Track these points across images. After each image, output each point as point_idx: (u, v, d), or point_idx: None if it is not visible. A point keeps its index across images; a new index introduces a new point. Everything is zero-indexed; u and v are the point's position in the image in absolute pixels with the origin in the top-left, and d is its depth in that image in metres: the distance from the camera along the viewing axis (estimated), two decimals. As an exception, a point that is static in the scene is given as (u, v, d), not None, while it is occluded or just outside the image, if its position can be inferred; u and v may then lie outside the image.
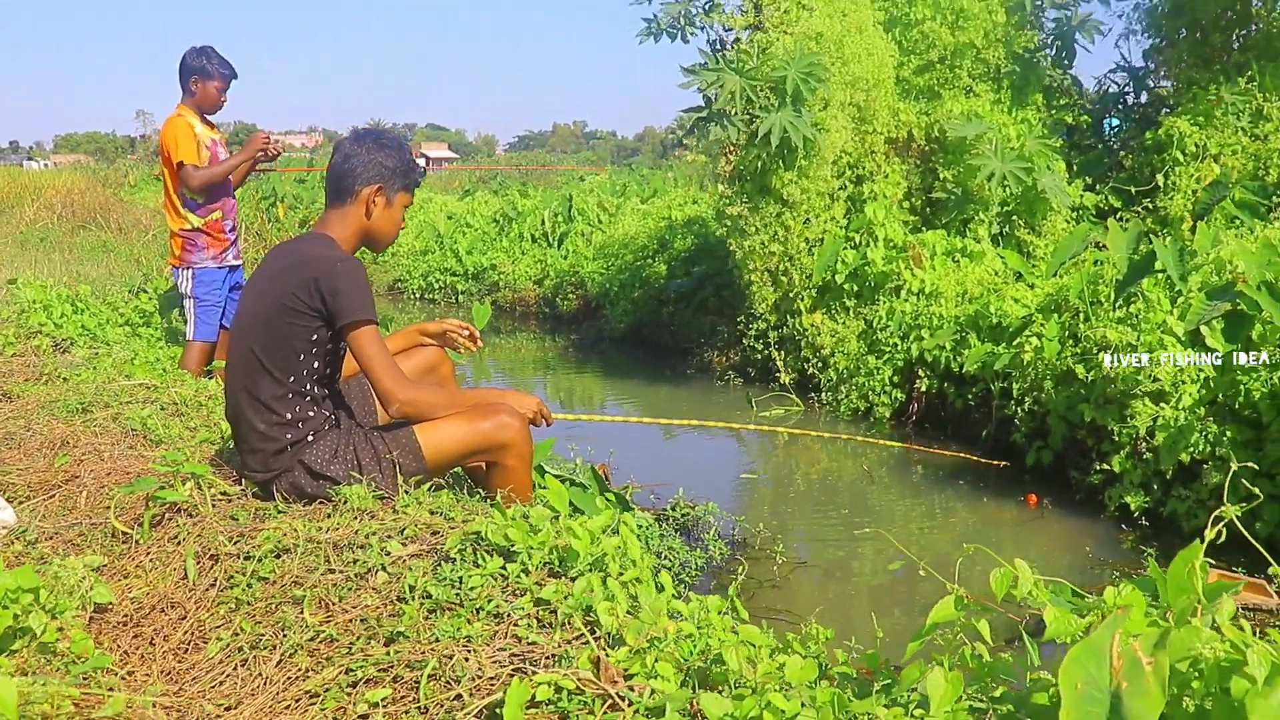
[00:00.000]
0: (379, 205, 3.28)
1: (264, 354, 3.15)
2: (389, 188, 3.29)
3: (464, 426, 3.26)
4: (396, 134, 3.41)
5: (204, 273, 5.75)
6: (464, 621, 2.32)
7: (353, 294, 3.07)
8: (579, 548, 2.51)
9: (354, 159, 3.25)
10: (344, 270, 3.08)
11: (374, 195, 3.26)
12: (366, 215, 3.28)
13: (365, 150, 3.26)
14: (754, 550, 4.66)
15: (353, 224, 3.29)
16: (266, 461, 3.20)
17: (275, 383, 3.15)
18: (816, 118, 7.13)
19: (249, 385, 3.17)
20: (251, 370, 3.17)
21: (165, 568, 2.92)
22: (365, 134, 3.33)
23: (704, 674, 2.01)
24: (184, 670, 2.46)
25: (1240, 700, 1.28)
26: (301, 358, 3.16)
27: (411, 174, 3.35)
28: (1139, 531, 4.96)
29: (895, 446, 6.45)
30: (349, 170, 3.25)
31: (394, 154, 3.30)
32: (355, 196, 3.26)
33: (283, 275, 3.16)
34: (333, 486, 3.16)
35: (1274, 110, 7.39)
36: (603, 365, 10.17)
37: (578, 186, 17.32)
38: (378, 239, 3.37)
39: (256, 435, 3.18)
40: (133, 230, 14.06)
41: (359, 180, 3.25)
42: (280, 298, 3.12)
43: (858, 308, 7.57)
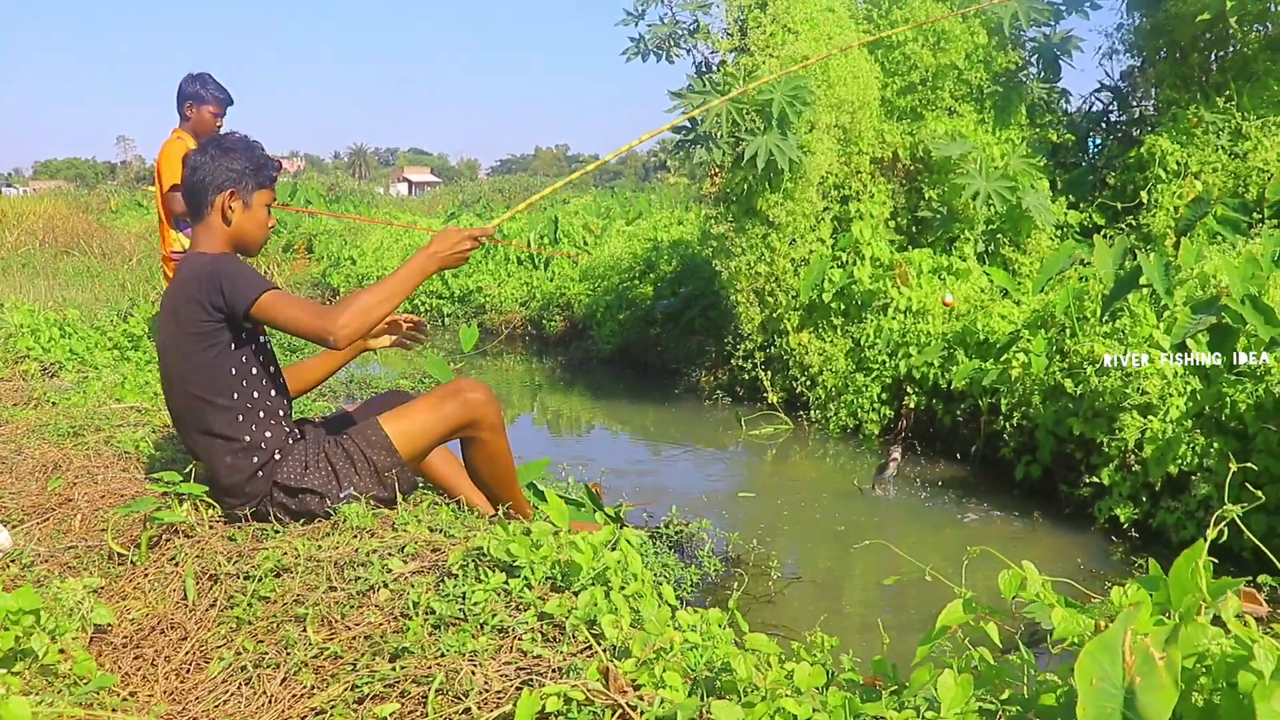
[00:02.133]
0: (236, 210, 3.22)
1: (199, 388, 3.13)
2: (242, 190, 3.22)
3: (430, 412, 3.29)
4: (242, 135, 3.32)
5: None
6: (469, 636, 2.33)
7: (234, 282, 3.02)
8: (581, 561, 2.52)
9: (200, 170, 3.20)
10: (215, 268, 3.05)
11: (229, 200, 3.20)
12: (226, 222, 3.21)
13: (210, 158, 3.21)
14: (748, 566, 4.68)
15: (217, 234, 3.22)
16: (244, 491, 3.19)
17: (222, 410, 3.14)
18: (802, 140, 7.19)
19: (200, 426, 3.17)
20: (195, 410, 3.16)
21: (164, 589, 2.92)
22: (209, 143, 3.30)
23: (712, 683, 2.02)
24: (187, 690, 2.45)
25: (1248, 694, 1.30)
26: (234, 372, 3.14)
27: (263, 171, 3.28)
28: (1129, 543, 4.99)
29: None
30: (198, 182, 3.20)
31: (240, 156, 3.23)
32: (211, 205, 3.20)
33: (176, 309, 3.14)
34: (315, 497, 3.17)
35: (1252, 129, 7.49)
36: (590, 386, 10.18)
37: (562, 209, 17.36)
38: (246, 242, 3.29)
39: (226, 469, 3.17)
40: (116, 256, 14.04)
41: (210, 189, 3.19)
42: (186, 329, 3.10)
43: (845, 326, 7.61)
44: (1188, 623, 1.35)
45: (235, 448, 3.16)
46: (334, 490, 3.19)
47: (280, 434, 3.24)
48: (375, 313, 3.06)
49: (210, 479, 3.23)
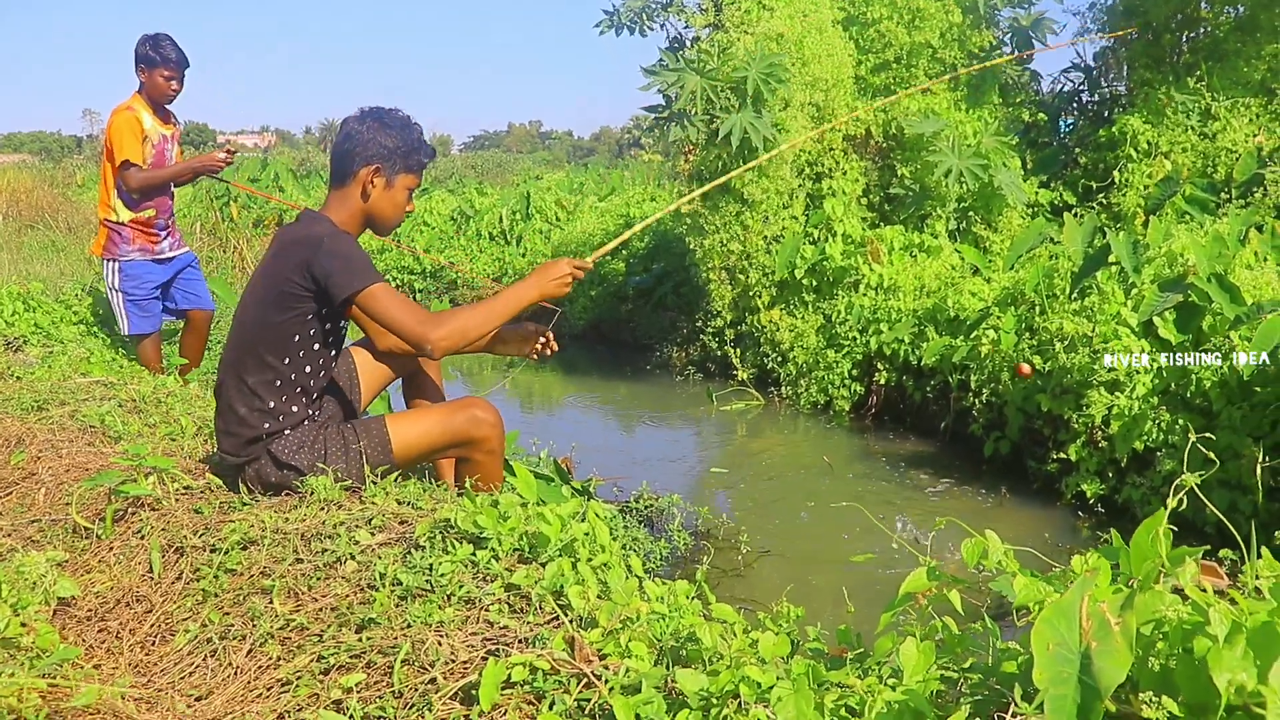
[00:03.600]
0: (377, 186, 3.18)
1: (260, 338, 3.11)
2: (388, 168, 3.18)
3: (437, 422, 3.26)
4: (404, 113, 3.26)
5: (132, 266, 5.55)
6: (435, 607, 2.32)
7: (345, 267, 2.99)
8: (549, 533, 2.52)
9: (354, 138, 3.16)
10: (330, 247, 3.01)
11: (372, 176, 3.16)
12: (364, 197, 3.19)
13: (366, 129, 3.17)
14: (718, 540, 4.70)
15: (351, 206, 3.20)
16: (239, 447, 3.18)
17: (267, 367, 3.12)
18: (777, 118, 7.18)
19: (239, 368, 3.15)
20: (245, 353, 3.14)
21: (129, 562, 2.90)
22: (370, 112, 3.23)
23: (677, 652, 2.03)
24: (152, 662, 2.44)
25: (1202, 659, 1.32)
26: (297, 339, 3.12)
27: (415, 155, 3.23)
28: (1095, 518, 5.05)
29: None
30: (348, 150, 3.17)
31: (396, 133, 3.19)
32: (353, 177, 3.17)
33: (278, 259, 3.11)
34: (297, 476, 3.16)
35: (1221, 110, 7.53)
36: (562, 362, 10.16)
37: (535, 185, 17.29)
38: (379, 222, 3.26)
39: (235, 419, 3.16)
40: (83, 229, 13.84)
41: (357, 160, 3.16)
42: (277, 283, 3.07)
43: (816, 303, 7.63)
44: (1145, 589, 1.37)
45: (255, 406, 3.14)
46: (315, 472, 3.18)
47: (301, 412, 3.23)
48: (473, 334, 3.08)
49: (218, 415, 3.24)
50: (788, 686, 1.64)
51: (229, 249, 12.04)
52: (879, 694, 1.60)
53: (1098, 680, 1.25)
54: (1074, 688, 1.26)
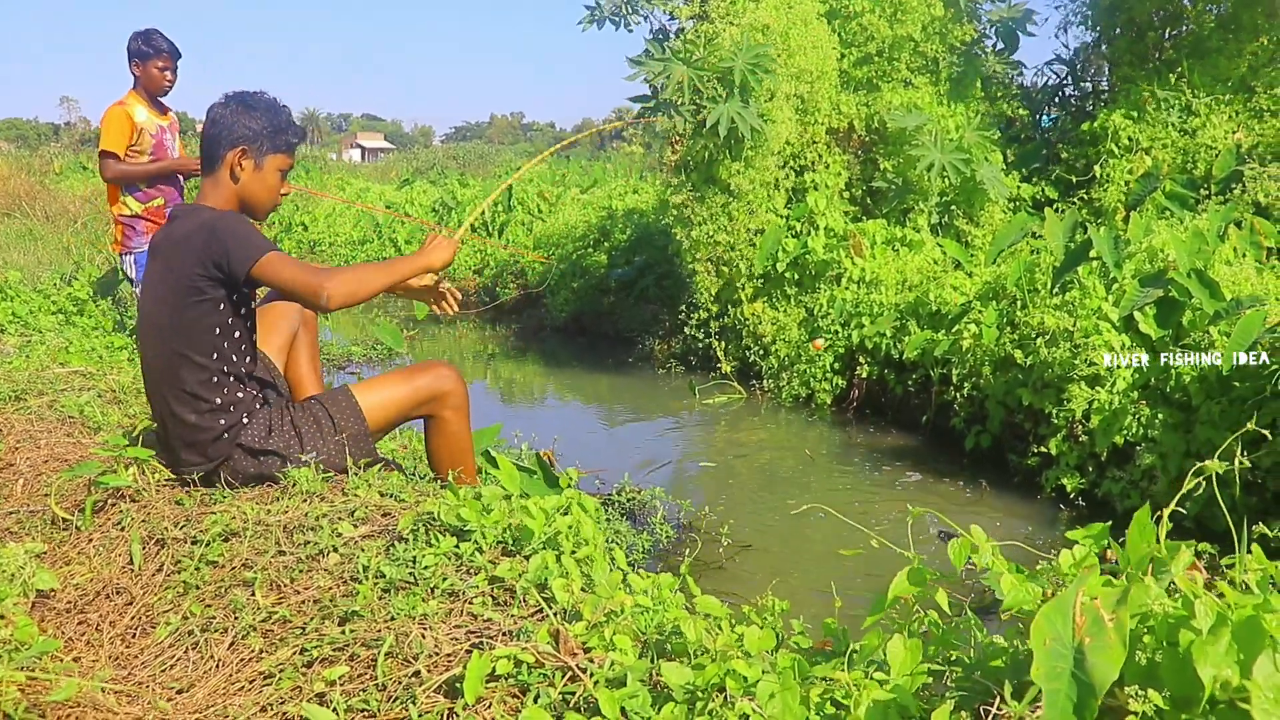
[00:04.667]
0: (246, 169, 3.14)
1: (182, 343, 3.06)
2: (255, 150, 3.14)
3: (402, 383, 3.31)
4: (270, 96, 3.25)
5: (145, 257, 5.62)
6: (419, 600, 2.31)
7: (238, 243, 2.95)
8: (533, 526, 2.52)
9: (219, 123, 3.13)
10: (220, 228, 2.97)
11: (239, 158, 3.13)
12: (234, 179, 3.14)
13: (231, 113, 3.14)
14: (700, 533, 4.69)
15: (224, 191, 3.15)
16: (205, 451, 3.14)
17: (199, 368, 3.07)
18: (763, 109, 7.17)
19: (172, 380, 3.09)
20: (172, 363, 3.09)
21: (110, 553, 2.87)
22: (234, 96, 3.20)
23: (662, 646, 2.03)
24: (132, 655, 2.42)
25: (1187, 652, 1.32)
26: (218, 332, 3.08)
27: (282, 135, 3.19)
28: (1075, 511, 5.08)
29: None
30: (215, 135, 3.13)
31: (262, 115, 3.16)
32: (222, 161, 3.13)
33: (173, 259, 3.05)
34: (279, 463, 3.14)
35: (1202, 107, 7.58)
36: (544, 354, 10.15)
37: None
38: (252, 205, 3.21)
39: (189, 428, 3.11)
40: (60, 218, 13.74)
41: (223, 144, 3.12)
42: (180, 280, 3.01)
43: (799, 296, 7.64)
44: (1135, 583, 1.37)
45: (204, 408, 3.10)
46: (295, 453, 3.16)
47: (249, 398, 3.20)
48: (368, 286, 3.06)
49: (169, 436, 3.17)
50: (774, 681, 1.64)
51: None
52: (865, 689, 1.60)
53: (1092, 676, 1.25)
54: (1068, 683, 1.26)
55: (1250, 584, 1.49)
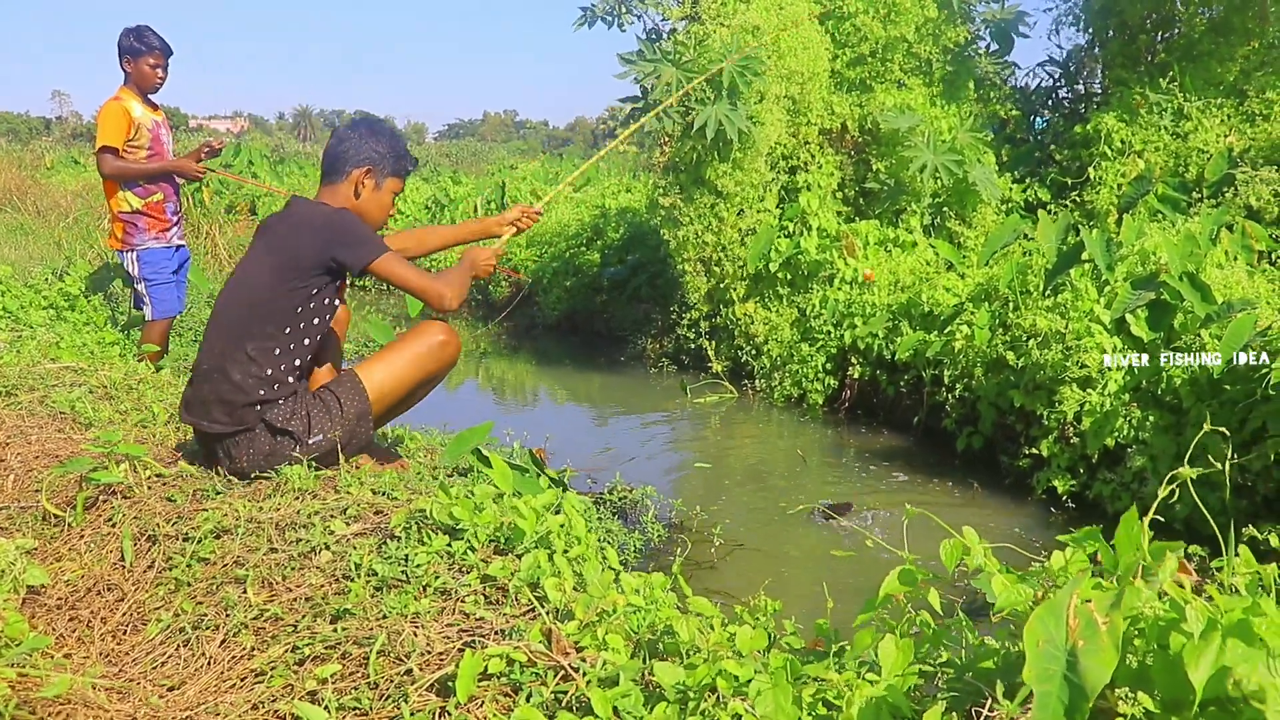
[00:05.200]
0: (368, 188, 3.47)
1: (264, 309, 3.24)
2: (378, 171, 3.48)
3: (407, 359, 3.49)
4: (391, 125, 3.62)
5: (148, 253, 5.66)
6: (411, 598, 2.32)
7: (359, 239, 3.27)
8: (525, 525, 2.52)
9: (347, 142, 3.46)
10: (342, 220, 3.29)
11: (363, 177, 3.45)
12: (355, 195, 3.46)
13: (359, 136, 3.47)
14: (691, 532, 4.70)
15: (341, 201, 3.45)
16: (234, 413, 3.24)
17: (268, 337, 3.24)
18: (752, 110, 7.18)
19: (238, 336, 3.25)
20: (246, 322, 3.25)
21: (101, 550, 2.87)
22: (361, 121, 3.56)
23: (654, 645, 2.03)
24: (123, 652, 2.42)
25: (1178, 655, 1.33)
26: (300, 312, 3.27)
27: (402, 161, 3.54)
28: (1066, 514, 5.09)
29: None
30: (342, 152, 3.46)
31: (385, 141, 3.50)
32: (346, 176, 3.45)
33: (287, 239, 3.29)
34: (292, 444, 3.25)
35: (1194, 110, 7.60)
36: (536, 353, 10.15)
37: (510, 174, 17.23)
38: (365, 221, 3.45)
39: (231, 386, 3.23)
40: (52, 213, 13.67)
41: (350, 162, 3.45)
42: (289, 258, 3.24)
43: (791, 296, 7.64)
44: (1128, 587, 1.38)
45: (253, 372, 3.24)
46: (304, 436, 3.27)
47: (294, 383, 3.36)
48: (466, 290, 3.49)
49: (206, 389, 3.28)
50: (766, 680, 1.64)
51: (201, 235, 11.91)
52: (857, 689, 1.61)
53: (1084, 679, 1.26)
54: (1060, 685, 1.27)
55: (1239, 587, 1.50)
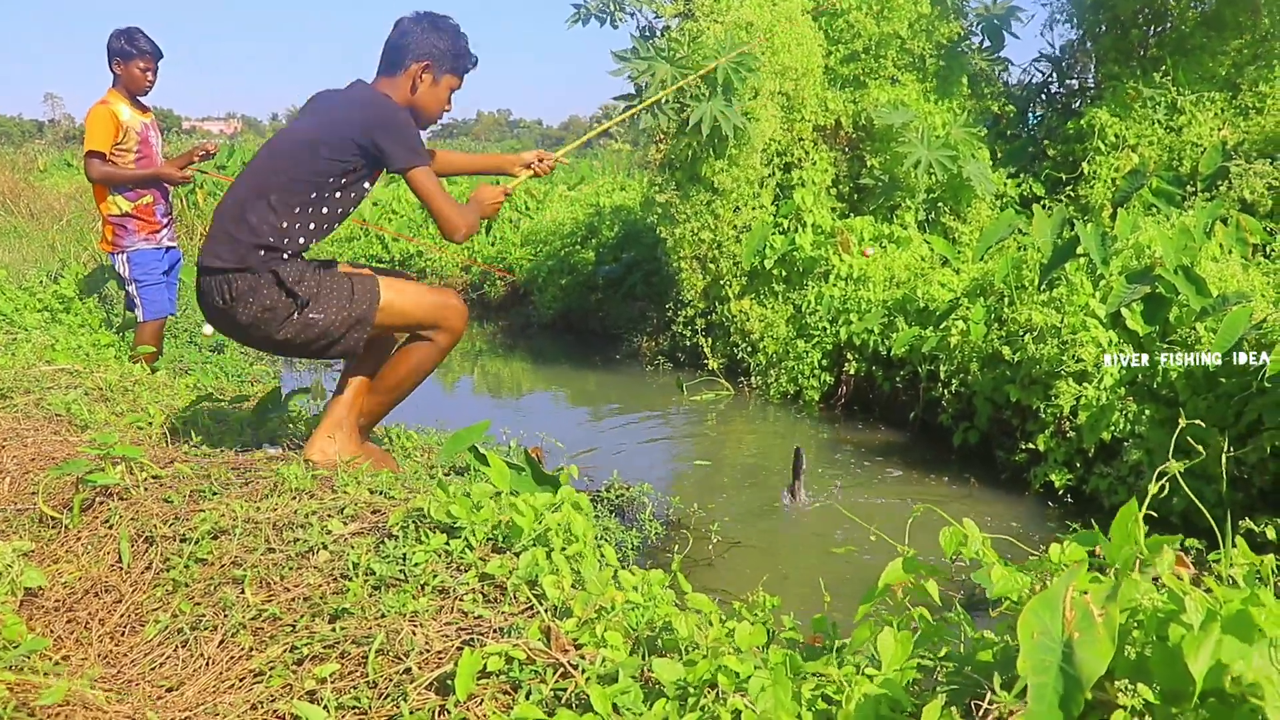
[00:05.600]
0: (425, 82, 3.46)
1: (299, 168, 3.26)
2: (437, 67, 3.46)
3: (422, 297, 3.49)
4: (454, 21, 3.55)
5: (138, 255, 5.64)
6: (409, 597, 2.32)
7: (403, 141, 3.27)
8: (523, 524, 2.52)
9: (409, 35, 3.44)
10: (393, 119, 3.29)
11: (421, 71, 3.44)
12: (412, 90, 3.46)
13: (421, 30, 3.45)
14: (689, 530, 4.70)
15: (399, 94, 3.45)
16: (240, 253, 3.23)
17: (295, 193, 3.26)
18: (747, 107, 7.18)
19: (265, 185, 3.27)
20: (274, 174, 3.28)
21: (98, 551, 2.87)
22: (424, 15, 3.51)
23: (653, 642, 2.03)
24: (121, 653, 2.42)
25: (1177, 646, 1.33)
26: (331, 181, 3.28)
27: (461, 60, 3.53)
28: (1063, 508, 5.09)
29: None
30: (403, 45, 3.44)
31: (447, 37, 3.48)
32: (404, 69, 3.44)
33: (339, 111, 3.35)
34: (295, 306, 3.24)
35: (1187, 104, 7.62)
36: (532, 352, 10.14)
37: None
38: (421, 114, 3.50)
39: (244, 227, 3.23)
40: (45, 216, 13.65)
41: (410, 55, 3.43)
42: (334, 131, 3.27)
43: (786, 293, 7.64)
44: (1124, 578, 1.38)
45: (270, 219, 3.24)
46: (307, 305, 3.27)
47: (303, 244, 3.35)
48: (476, 227, 3.51)
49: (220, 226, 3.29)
50: (765, 676, 1.64)
51: (196, 236, 11.90)
52: (856, 684, 1.61)
53: (1079, 670, 1.26)
54: (1055, 676, 1.27)
55: (1237, 579, 1.50)
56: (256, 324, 3.26)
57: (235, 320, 3.28)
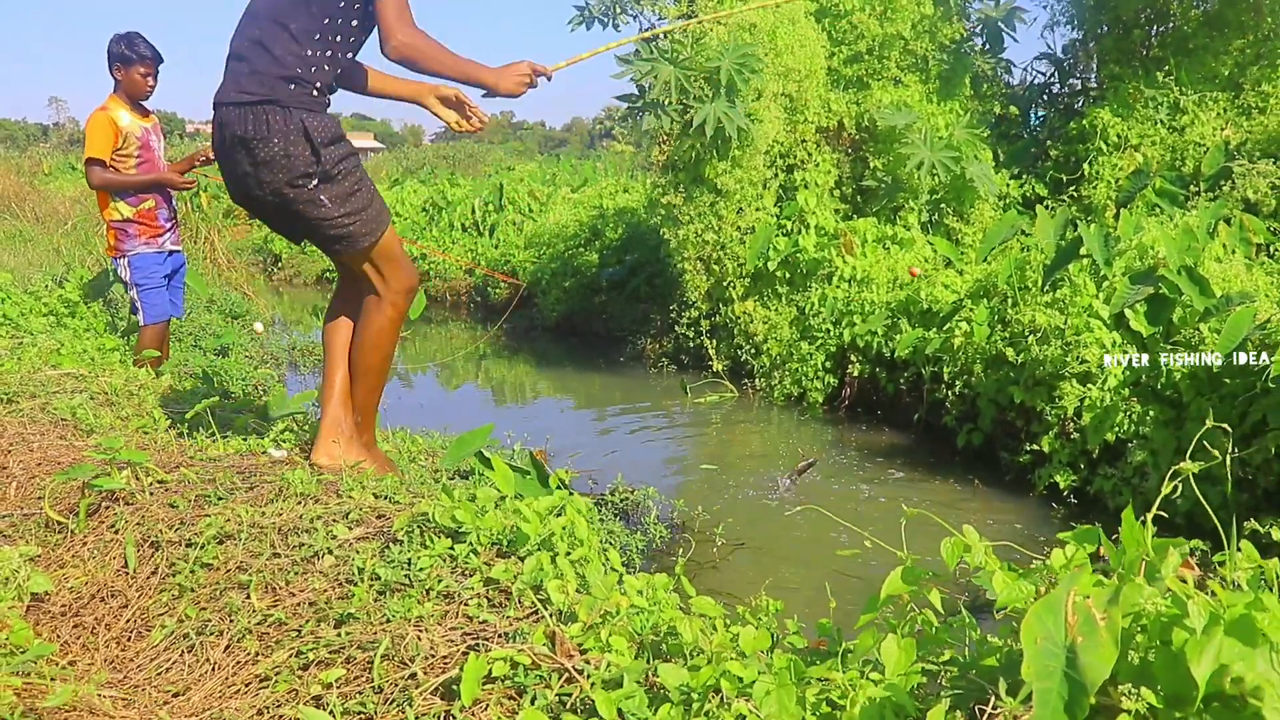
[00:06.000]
0: None
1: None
2: None
3: (400, 249, 3.44)
4: None
5: (139, 259, 5.66)
6: (415, 602, 2.32)
7: None
8: (528, 529, 2.52)
9: None
10: None
11: None
12: None
13: None
14: (693, 533, 4.70)
15: None
16: (268, 84, 3.12)
17: (314, 19, 3.14)
18: (750, 108, 7.18)
19: (281, 18, 3.14)
20: (290, 7, 3.13)
21: (104, 556, 2.87)
22: None
23: (658, 646, 2.03)
24: (128, 658, 2.43)
25: (1180, 650, 1.33)
26: (341, 6, 3.15)
27: None
28: (1067, 509, 5.09)
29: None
30: None
31: None
32: None
33: None
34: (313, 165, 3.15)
35: (1189, 104, 7.61)
36: (535, 354, 10.16)
37: (508, 175, 17.24)
38: None
39: (268, 59, 3.12)
40: (50, 220, 13.70)
41: None
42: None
43: (790, 294, 7.65)
44: (1127, 582, 1.38)
45: (294, 50, 3.14)
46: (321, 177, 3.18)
47: (326, 82, 3.23)
48: (431, 61, 3.12)
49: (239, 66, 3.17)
50: (770, 681, 1.65)
51: (200, 239, 11.93)
52: (861, 688, 1.61)
53: (1083, 675, 1.27)
54: (1059, 681, 1.28)
55: (1241, 582, 1.51)
56: (272, 163, 3.13)
57: (253, 154, 3.14)
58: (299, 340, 9.50)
